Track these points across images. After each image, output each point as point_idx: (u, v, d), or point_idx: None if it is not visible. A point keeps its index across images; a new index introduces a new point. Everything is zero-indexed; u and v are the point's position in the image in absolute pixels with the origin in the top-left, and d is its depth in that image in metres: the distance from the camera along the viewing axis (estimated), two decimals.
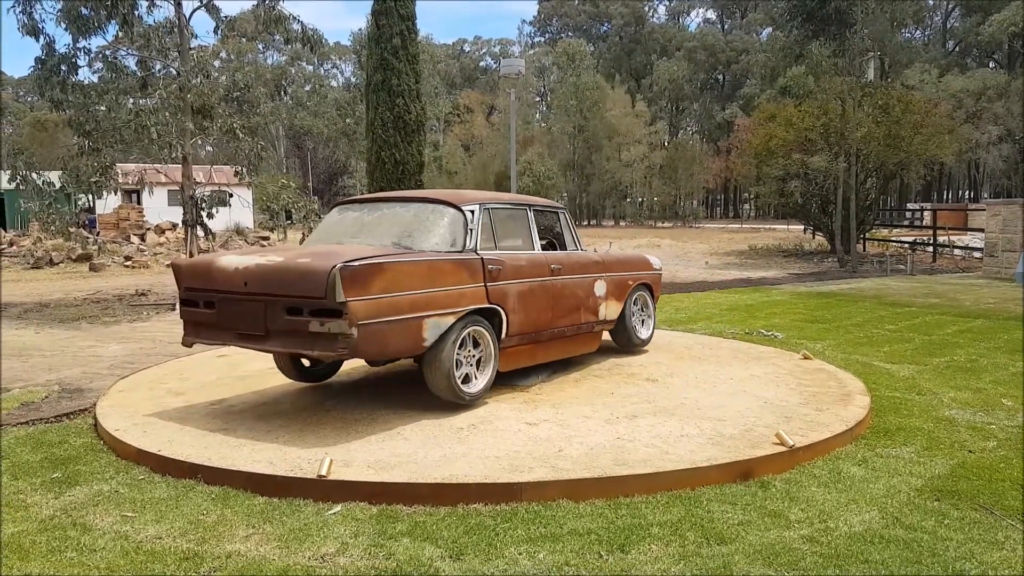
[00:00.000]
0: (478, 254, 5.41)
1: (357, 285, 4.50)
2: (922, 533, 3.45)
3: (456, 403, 5.25)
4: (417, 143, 42.84)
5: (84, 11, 11.32)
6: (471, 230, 5.48)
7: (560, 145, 60.20)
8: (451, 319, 5.05)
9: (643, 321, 7.53)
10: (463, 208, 5.55)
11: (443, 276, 5.08)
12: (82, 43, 11.75)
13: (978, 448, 4.65)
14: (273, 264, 4.78)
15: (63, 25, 11.33)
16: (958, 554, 3.26)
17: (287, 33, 13.10)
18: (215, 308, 4.99)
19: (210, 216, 12.72)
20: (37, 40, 11.66)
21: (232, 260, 4.96)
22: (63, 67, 11.71)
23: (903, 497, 3.87)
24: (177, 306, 5.86)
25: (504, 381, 6.00)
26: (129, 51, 12.53)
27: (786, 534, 3.44)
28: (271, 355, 5.84)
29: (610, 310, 6.89)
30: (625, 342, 7.35)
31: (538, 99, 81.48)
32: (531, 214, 6.22)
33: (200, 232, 12.68)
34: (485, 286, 5.36)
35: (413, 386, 6.11)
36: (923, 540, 3.38)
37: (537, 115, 77.02)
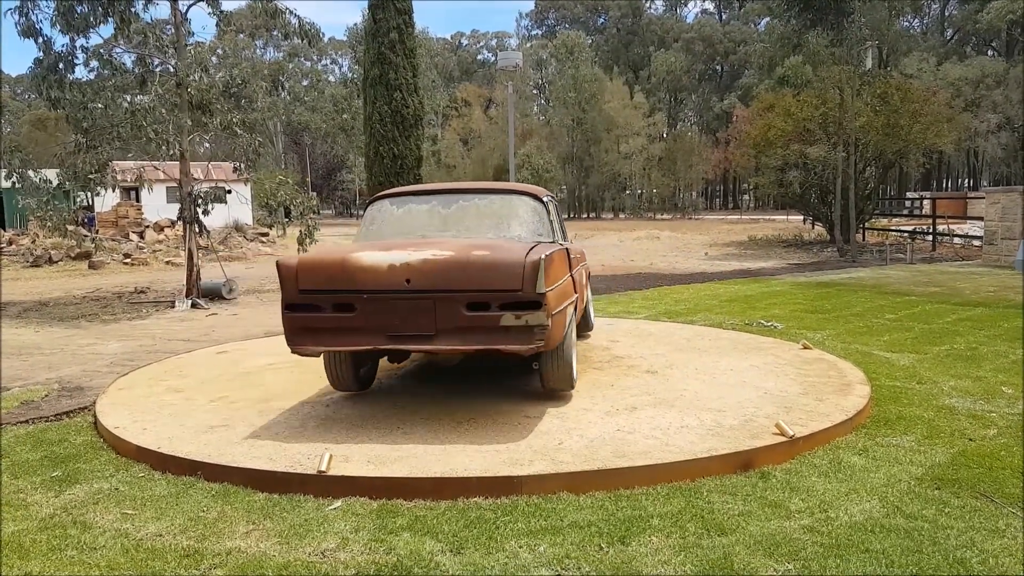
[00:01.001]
0: (561, 244, 5.47)
1: (547, 276, 4.45)
2: (923, 522, 3.45)
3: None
4: (415, 137, 42.79)
5: (80, 9, 11.27)
6: (551, 220, 5.56)
7: (559, 138, 60.13)
8: (572, 308, 5.11)
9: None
10: (543, 199, 5.63)
11: (566, 266, 5.16)
12: (80, 41, 11.71)
13: (978, 436, 4.64)
14: (447, 258, 4.49)
15: (59, 27, 11.29)
16: (959, 542, 3.25)
17: (285, 27, 13.06)
18: (355, 310, 4.51)
19: (205, 213, 12.69)
20: (35, 41, 11.63)
21: (384, 256, 4.55)
22: (60, 65, 11.68)
23: (903, 486, 3.86)
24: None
25: (505, 374, 6.00)
26: (127, 49, 12.49)
27: (786, 524, 3.44)
28: (321, 361, 5.44)
29: (584, 296, 7.08)
30: (583, 327, 7.56)
31: (536, 92, 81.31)
32: (552, 206, 6.33)
33: (196, 228, 12.65)
34: (571, 275, 5.45)
35: (412, 381, 6.12)
36: (924, 529, 3.38)
37: (535, 108, 76.88)
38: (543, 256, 4.40)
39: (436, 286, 4.44)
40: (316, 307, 4.58)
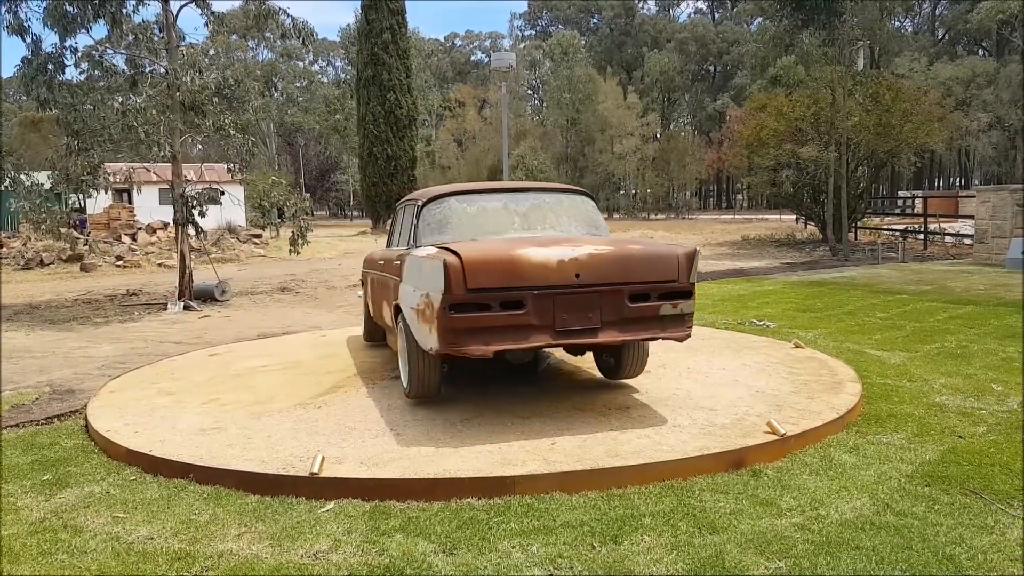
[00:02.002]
0: None
1: None
2: (913, 519, 3.47)
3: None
4: (409, 138, 42.66)
5: (70, 9, 11.22)
6: None
7: (553, 138, 60.14)
8: None
9: None
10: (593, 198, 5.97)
11: None
12: (69, 42, 11.66)
13: (968, 433, 4.67)
14: (611, 252, 4.67)
15: (48, 24, 11.24)
16: (948, 539, 3.27)
17: (279, 28, 13.05)
18: (525, 307, 4.46)
19: (202, 215, 12.68)
20: (23, 40, 11.58)
21: (550, 252, 4.56)
22: (50, 66, 11.63)
23: (894, 483, 3.88)
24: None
25: (497, 375, 6.00)
26: (117, 51, 12.45)
27: (778, 522, 3.45)
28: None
29: None
30: None
31: (530, 92, 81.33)
32: None
33: (192, 231, 12.63)
34: None
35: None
36: (914, 526, 3.40)
37: (529, 108, 76.89)
38: (696, 248, 4.81)
39: (604, 279, 4.57)
40: (485, 306, 4.45)
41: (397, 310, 5.40)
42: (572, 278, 4.50)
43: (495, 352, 4.47)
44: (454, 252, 4.44)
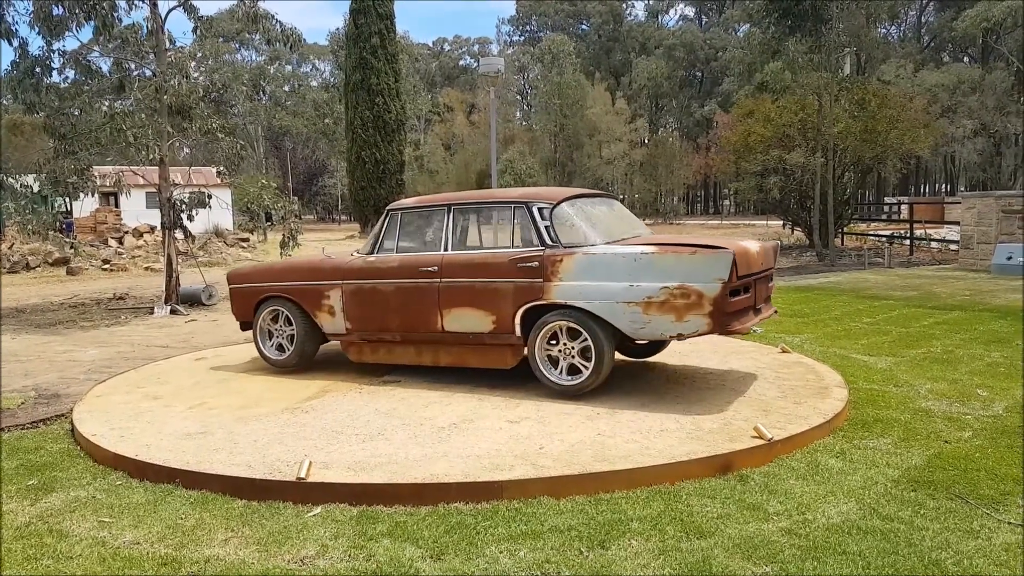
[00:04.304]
0: None
1: None
2: (899, 524, 3.49)
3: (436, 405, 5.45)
4: (397, 142, 42.57)
5: (57, 11, 11.16)
6: None
7: (541, 143, 60.21)
8: None
9: None
10: None
11: None
12: (56, 45, 11.60)
13: (954, 438, 4.70)
14: (764, 246, 5.72)
15: (36, 28, 11.17)
16: (934, 544, 3.29)
17: (267, 33, 13.02)
18: (750, 291, 5.35)
19: (191, 219, 12.62)
20: (10, 43, 11.50)
21: (753, 246, 5.48)
22: (37, 69, 11.56)
23: (880, 488, 3.91)
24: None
25: (488, 379, 6.00)
26: (103, 54, 12.38)
27: (765, 527, 3.46)
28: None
29: None
30: None
31: (519, 97, 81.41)
32: None
33: (180, 235, 12.56)
34: None
35: (392, 387, 6.09)
36: (900, 530, 3.42)
37: (518, 113, 76.97)
38: (778, 242, 5.86)
39: (768, 266, 5.76)
40: (738, 291, 5.18)
41: (532, 314, 5.50)
42: (761, 266, 5.49)
43: (747, 329, 5.29)
44: (719, 247, 5.03)
